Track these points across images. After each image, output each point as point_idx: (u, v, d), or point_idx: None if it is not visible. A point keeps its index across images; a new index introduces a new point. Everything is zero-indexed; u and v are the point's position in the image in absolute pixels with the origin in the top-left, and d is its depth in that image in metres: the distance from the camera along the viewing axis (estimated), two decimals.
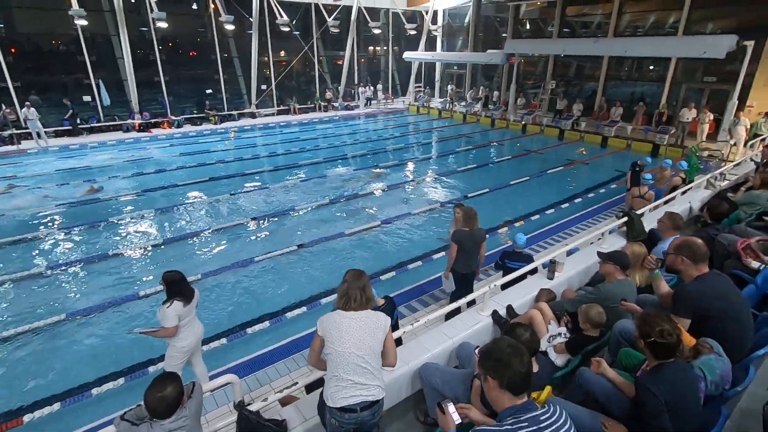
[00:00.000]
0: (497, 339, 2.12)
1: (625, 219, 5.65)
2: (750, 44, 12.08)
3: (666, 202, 6.83)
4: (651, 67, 17.16)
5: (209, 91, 20.20)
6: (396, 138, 18.08)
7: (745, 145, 12.29)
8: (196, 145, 16.03)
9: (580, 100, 18.05)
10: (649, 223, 5.73)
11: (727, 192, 6.81)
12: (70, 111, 16.15)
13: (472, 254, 5.18)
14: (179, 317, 3.76)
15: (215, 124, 19.10)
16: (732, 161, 10.20)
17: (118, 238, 8.29)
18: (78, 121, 16.49)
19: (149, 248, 7.84)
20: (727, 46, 12.28)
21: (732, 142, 12.57)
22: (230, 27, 18.65)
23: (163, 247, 7.93)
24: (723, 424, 2.13)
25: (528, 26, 21.70)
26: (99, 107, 17.36)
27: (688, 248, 2.93)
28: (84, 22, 15.18)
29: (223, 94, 20.49)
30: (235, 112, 20.41)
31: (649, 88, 17.23)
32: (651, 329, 2.16)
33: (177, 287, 3.81)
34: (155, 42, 17.96)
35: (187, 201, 10.22)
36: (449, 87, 24.12)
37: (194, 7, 19.43)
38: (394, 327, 4.12)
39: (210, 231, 8.56)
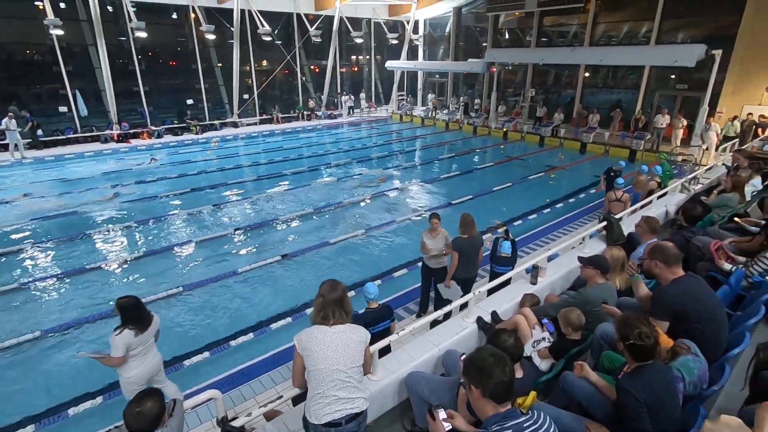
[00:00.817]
0: (480, 348, 2.14)
1: (605, 223, 5.78)
2: (718, 53, 12.57)
3: (643, 206, 7.01)
4: (626, 75, 17.68)
5: (190, 101, 19.99)
6: (380, 146, 18.15)
7: (716, 149, 12.73)
8: (177, 156, 15.81)
9: (560, 109, 18.47)
10: (628, 227, 5.86)
11: (700, 195, 7.05)
12: (29, 123, 15.46)
13: (472, 260, 5.31)
14: (128, 347, 3.52)
15: (197, 134, 18.88)
16: (705, 165, 10.55)
17: (95, 251, 8.08)
18: (39, 133, 15.86)
19: (128, 261, 7.66)
20: (697, 55, 12.76)
21: (704, 147, 13.01)
22: (211, 36, 18.55)
23: (143, 259, 7.75)
24: (701, 423, 2.18)
25: (507, 36, 22.15)
26: (76, 118, 16.99)
27: (660, 253, 3.01)
28: (60, 32, 14.89)
29: (205, 103, 20.29)
30: (216, 122, 20.22)
31: (625, 95, 17.74)
32: (630, 332, 2.21)
33: (130, 314, 3.57)
34: (134, 52, 17.72)
35: (168, 212, 10.03)
36: (429, 96, 24.42)
37: (174, 16, 19.25)
38: (387, 333, 4.13)
39: (192, 243, 8.41)
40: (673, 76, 16.01)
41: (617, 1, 17.09)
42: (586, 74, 18.59)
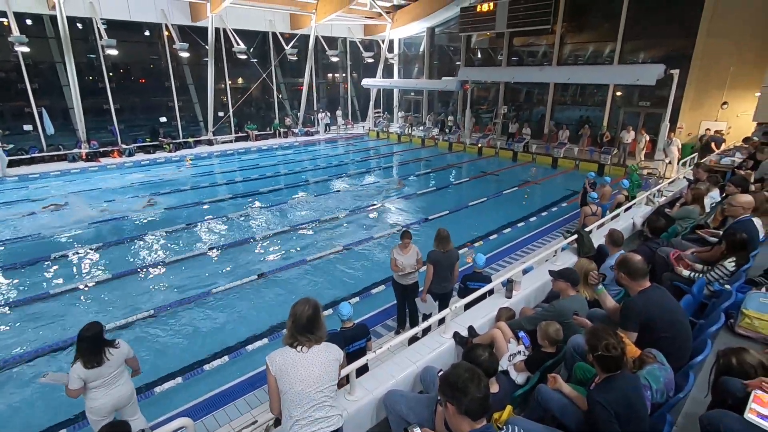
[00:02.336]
0: (456, 365, 2.16)
1: (576, 236, 5.95)
2: (675, 72, 13.31)
3: (612, 219, 7.26)
4: (593, 93, 18.46)
5: (163, 118, 19.68)
6: (357, 163, 18.24)
7: (678, 162, 13.35)
8: (149, 174, 15.46)
9: (528, 124, 19.15)
10: (599, 239, 6.05)
11: (664, 208, 7.35)
12: None
13: (447, 275, 5.30)
14: (84, 379, 3.31)
15: (170, 151, 18.54)
16: (668, 178, 11.04)
17: (63, 275, 7.76)
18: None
19: (97, 284, 7.38)
20: (656, 74, 13.48)
21: (667, 160, 13.63)
22: (185, 54, 18.43)
23: (111, 283, 7.48)
24: (669, 430, 2.25)
25: (479, 55, 22.85)
26: (41, 137, 16.43)
27: (625, 266, 3.13)
28: (25, 49, 14.51)
29: (178, 121, 20.00)
30: (191, 140, 19.93)
31: (593, 112, 18.49)
32: (598, 343, 2.28)
33: (82, 345, 3.34)
34: (105, 69, 17.38)
35: (139, 233, 9.74)
36: (399, 114, 24.90)
37: (147, 34, 19.04)
38: (363, 352, 4.10)
39: (164, 264, 8.19)
40: (636, 94, 16.81)
41: (582, 24, 17.95)
42: (555, 92, 19.29)
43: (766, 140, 9.34)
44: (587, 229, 6.33)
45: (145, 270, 7.95)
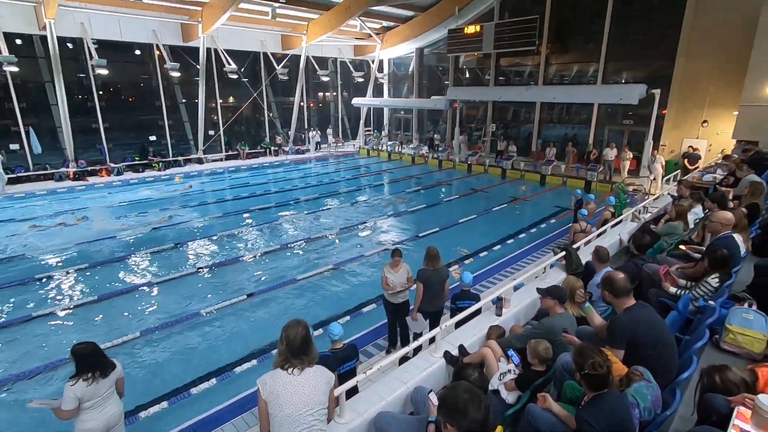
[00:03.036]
0: (455, 385, 2.15)
1: (564, 253, 6.01)
2: (657, 92, 13.73)
3: (599, 236, 7.36)
4: (578, 112, 18.90)
5: (153, 137, 19.64)
6: (348, 180, 18.33)
7: (662, 179, 13.64)
8: (137, 193, 15.35)
9: (514, 142, 19.59)
10: (586, 256, 6.12)
11: (650, 224, 7.48)
12: None
13: (438, 293, 5.31)
14: (80, 399, 3.26)
15: (159, 170, 18.47)
16: (653, 195, 11.26)
17: (46, 296, 7.60)
18: None
19: (81, 306, 7.23)
20: (638, 94, 13.90)
21: (651, 177, 13.93)
22: (176, 74, 18.55)
23: (96, 305, 7.34)
24: None
25: (467, 75, 23.35)
26: (28, 156, 16.27)
27: (609, 284, 3.18)
28: (14, 69, 14.50)
29: (168, 140, 19.97)
30: (180, 158, 19.89)
31: (578, 130, 18.90)
32: (584, 362, 2.30)
33: (87, 362, 3.32)
34: (94, 88, 17.39)
35: (127, 254, 9.61)
36: (381, 132, 25.32)
37: (138, 53, 19.15)
38: (353, 373, 4.06)
39: (151, 284, 8.08)
40: (619, 113, 17.25)
41: (566, 45, 18.50)
42: (541, 110, 19.72)
43: (745, 157, 9.60)
44: (575, 246, 6.41)
45: (130, 291, 7.82)
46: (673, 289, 4.23)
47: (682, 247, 5.54)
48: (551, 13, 17.97)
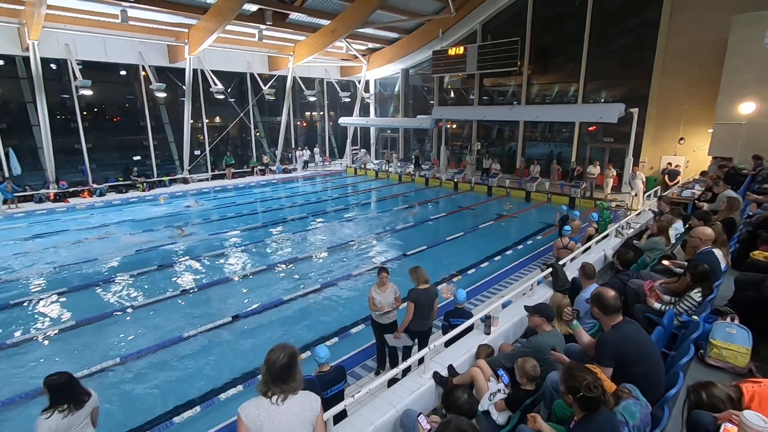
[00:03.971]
0: (446, 424, 2.10)
1: (550, 270, 6.06)
2: (635, 111, 14.18)
3: (584, 252, 7.45)
4: (561, 130, 19.35)
5: (137, 157, 19.45)
6: (335, 199, 18.33)
7: (644, 195, 13.97)
8: (120, 214, 15.09)
9: (497, 159, 20.06)
10: (573, 272, 6.18)
11: (632, 240, 7.61)
12: None
13: (427, 312, 5.26)
14: None
15: (143, 191, 18.23)
16: (635, 210, 11.50)
17: (24, 321, 7.33)
18: None
19: (60, 332, 6.99)
20: (617, 113, 14.33)
21: (633, 193, 14.25)
22: (161, 95, 18.53)
23: (74, 330, 7.10)
24: None
25: (452, 94, 23.82)
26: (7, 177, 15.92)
27: (599, 301, 3.20)
28: None
29: (153, 160, 19.78)
30: (165, 178, 19.68)
31: (561, 148, 19.33)
32: (579, 384, 2.28)
33: (61, 393, 3.18)
34: (78, 109, 17.22)
35: (108, 277, 9.38)
36: (362, 151, 25.65)
37: (123, 74, 19.11)
38: (341, 397, 3.98)
39: (133, 308, 7.86)
40: (601, 131, 17.72)
41: (546, 66, 19.06)
42: (525, 129, 20.15)
43: (721, 173, 9.90)
44: (561, 263, 6.47)
45: (112, 315, 7.60)
46: (657, 305, 4.28)
47: (664, 262, 5.63)
48: (532, 35, 18.57)
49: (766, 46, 11.06)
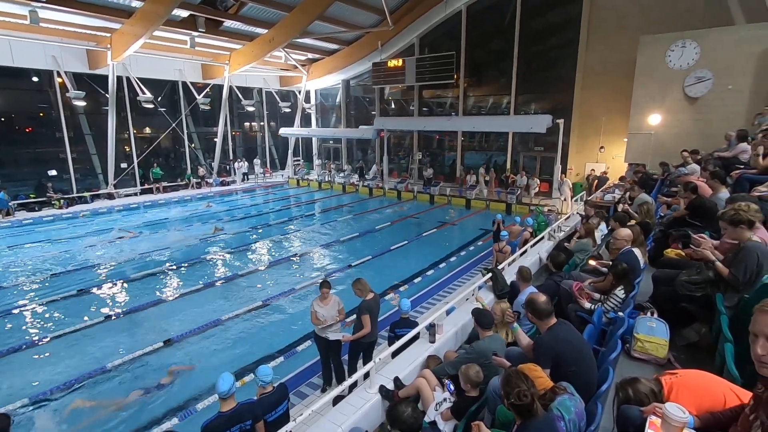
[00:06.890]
0: None
1: (490, 275, 6.25)
2: (561, 122, 15.24)
3: (521, 255, 7.79)
4: (496, 139, 20.31)
5: (53, 171, 17.67)
6: (277, 212, 17.81)
7: (571, 200, 14.97)
8: (31, 235, 13.58)
9: (428, 166, 20.80)
10: (512, 276, 6.41)
11: (563, 242, 8.08)
12: None
13: (376, 322, 5.21)
14: None
15: (60, 208, 16.55)
16: (565, 214, 12.28)
17: None
18: None
19: None
20: (546, 124, 15.32)
21: (562, 198, 15.25)
22: (81, 103, 17.05)
23: None
24: None
25: (393, 105, 24.22)
26: None
27: (531, 306, 3.33)
28: None
29: (72, 174, 18.06)
30: (87, 194, 18.01)
31: (497, 156, 20.28)
32: (510, 390, 2.34)
33: None
34: None
35: (19, 305, 8.34)
36: (291, 160, 25.44)
37: (35, 80, 17.35)
38: (286, 418, 3.78)
39: (49, 338, 7.04)
40: (531, 140, 18.85)
41: (481, 79, 20.03)
42: (463, 138, 20.95)
43: (636, 179, 10.84)
44: (500, 267, 6.71)
45: (28, 345, 6.75)
46: (587, 304, 4.53)
47: (592, 262, 6.00)
48: (466, 50, 19.43)
49: (668, 65, 12.37)
